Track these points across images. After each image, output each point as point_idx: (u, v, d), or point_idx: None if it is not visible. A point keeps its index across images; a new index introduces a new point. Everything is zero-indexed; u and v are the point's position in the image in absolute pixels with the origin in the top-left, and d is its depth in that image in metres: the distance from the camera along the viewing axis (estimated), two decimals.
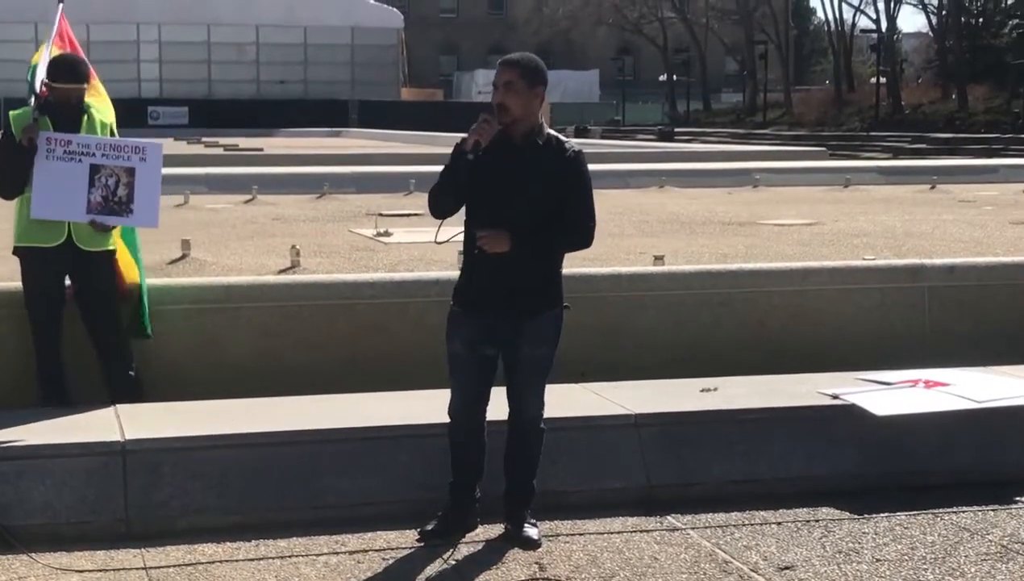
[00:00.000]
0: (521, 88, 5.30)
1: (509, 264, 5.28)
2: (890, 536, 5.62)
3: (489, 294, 5.35)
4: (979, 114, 53.80)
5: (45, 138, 6.48)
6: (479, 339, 5.39)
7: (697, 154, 34.98)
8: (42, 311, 6.64)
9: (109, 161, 6.57)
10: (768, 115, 66.83)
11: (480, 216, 5.34)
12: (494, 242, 5.25)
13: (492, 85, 5.40)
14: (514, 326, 5.38)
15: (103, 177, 6.55)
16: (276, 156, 32.01)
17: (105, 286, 6.70)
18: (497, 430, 5.55)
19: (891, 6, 64.83)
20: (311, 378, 7.14)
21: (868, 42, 67.88)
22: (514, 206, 5.29)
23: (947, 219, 17.17)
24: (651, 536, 5.60)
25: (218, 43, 69.23)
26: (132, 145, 6.64)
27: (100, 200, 6.54)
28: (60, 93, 6.55)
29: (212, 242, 13.28)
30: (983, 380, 7.01)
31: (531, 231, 5.29)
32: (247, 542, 5.43)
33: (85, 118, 6.64)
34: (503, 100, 5.30)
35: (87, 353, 6.73)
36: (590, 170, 5.51)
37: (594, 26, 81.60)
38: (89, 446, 5.68)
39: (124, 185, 6.57)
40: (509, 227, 5.25)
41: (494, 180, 5.29)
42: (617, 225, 15.71)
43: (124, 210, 6.60)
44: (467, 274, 5.47)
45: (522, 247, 5.27)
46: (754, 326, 8.10)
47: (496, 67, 5.40)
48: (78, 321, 6.70)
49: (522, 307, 5.37)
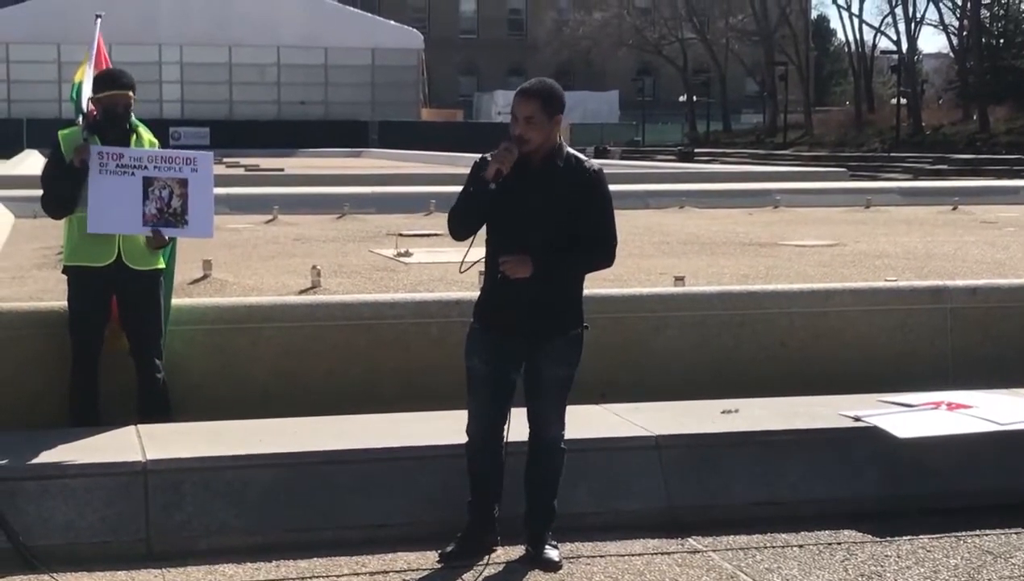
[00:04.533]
0: (542, 120, 5.29)
1: (531, 287, 5.28)
2: (913, 559, 5.59)
3: (511, 315, 5.35)
4: (1000, 135, 53.63)
5: (97, 152, 6.50)
6: (499, 358, 5.39)
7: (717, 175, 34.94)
8: (86, 331, 6.66)
9: (161, 173, 6.58)
10: (788, 136, 66.73)
11: (502, 240, 5.34)
12: (517, 268, 5.25)
13: (511, 114, 5.36)
14: (535, 347, 5.38)
15: (156, 189, 6.56)
16: (297, 176, 32.09)
17: (153, 303, 6.72)
18: (518, 451, 5.54)
19: (911, 27, 64.81)
20: (332, 398, 7.15)
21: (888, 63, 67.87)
22: (536, 230, 5.29)
23: (969, 240, 17.09)
24: (672, 558, 5.58)
25: (239, 64, 69.56)
26: (183, 157, 6.66)
27: (155, 212, 6.56)
28: (107, 102, 6.59)
29: (233, 262, 13.30)
30: (1006, 402, 6.97)
31: (553, 254, 5.29)
32: (267, 563, 5.43)
33: (134, 137, 6.68)
34: (524, 133, 5.28)
35: (114, 376, 6.75)
36: (614, 189, 5.51)
37: (614, 47, 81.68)
38: (111, 466, 5.69)
39: (178, 196, 6.59)
40: (531, 251, 5.25)
41: (515, 205, 5.29)
42: (637, 245, 15.69)
43: (180, 221, 6.61)
44: (488, 293, 5.47)
45: (545, 270, 5.27)
46: (775, 347, 8.08)
47: (515, 96, 5.36)
48: (108, 342, 6.72)
49: (543, 328, 5.37)
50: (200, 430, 6.31)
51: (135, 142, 6.69)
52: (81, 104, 6.80)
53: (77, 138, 6.60)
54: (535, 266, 5.25)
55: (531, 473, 5.58)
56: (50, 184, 6.64)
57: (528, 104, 5.30)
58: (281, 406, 6.89)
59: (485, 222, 5.38)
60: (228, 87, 70.04)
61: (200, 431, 6.29)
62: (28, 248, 14.38)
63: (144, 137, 6.75)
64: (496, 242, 5.38)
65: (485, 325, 5.45)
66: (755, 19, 73.64)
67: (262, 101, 69.70)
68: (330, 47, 69.82)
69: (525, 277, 5.25)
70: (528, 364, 5.42)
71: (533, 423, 5.53)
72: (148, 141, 6.76)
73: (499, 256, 5.31)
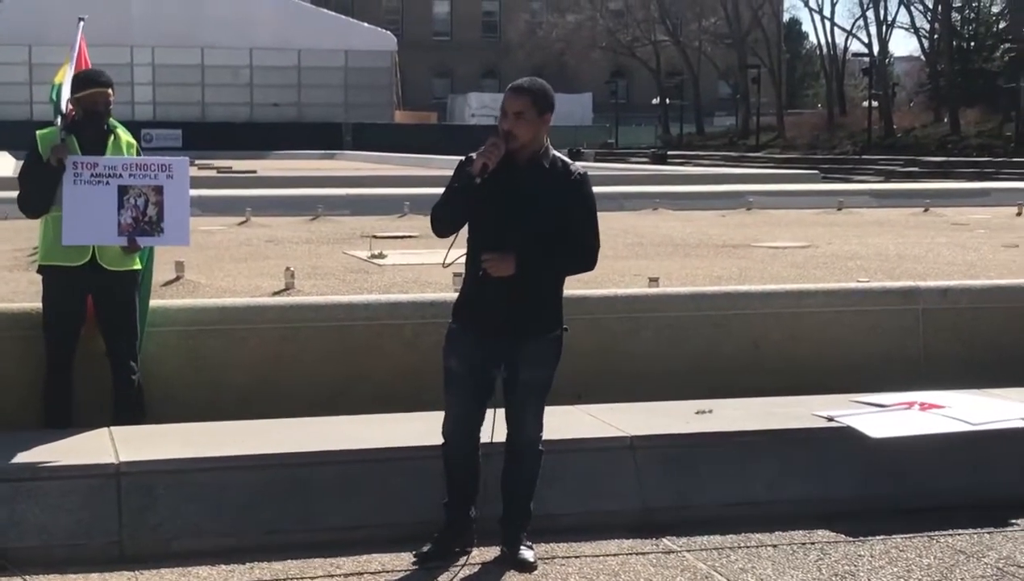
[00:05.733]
0: (532, 117, 5.29)
1: (512, 286, 5.27)
2: (886, 559, 5.61)
3: (491, 315, 5.34)
4: (971, 137, 53.92)
5: (72, 162, 6.44)
6: (478, 358, 5.39)
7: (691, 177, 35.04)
8: (60, 332, 6.63)
9: (136, 181, 6.52)
10: (761, 138, 66.93)
11: (485, 238, 5.33)
12: (500, 266, 5.25)
13: (500, 110, 5.35)
14: (514, 347, 5.38)
15: (132, 197, 6.50)
16: (270, 178, 32.02)
17: (128, 304, 6.68)
18: (495, 452, 5.54)
19: (883, 30, 65.11)
20: (306, 400, 7.13)
21: (860, 66, 68.01)
22: (519, 229, 5.29)
23: (940, 242, 17.20)
24: (647, 559, 5.59)
25: (212, 66, 69.35)
26: (158, 163, 6.58)
27: (131, 221, 6.50)
28: (87, 101, 6.54)
29: (206, 264, 13.26)
30: (978, 403, 7.01)
31: (536, 253, 5.29)
32: (241, 565, 5.41)
33: (111, 138, 6.65)
34: (513, 128, 5.28)
35: (88, 378, 6.71)
36: None
37: (587, 49, 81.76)
38: (84, 468, 5.66)
39: (153, 204, 6.52)
40: (513, 249, 5.25)
41: (498, 203, 5.28)
42: (612, 247, 15.72)
43: (155, 230, 6.54)
44: (468, 293, 5.46)
45: (527, 270, 5.28)
46: (749, 348, 8.10)
47: (506, 92, 5.37)
48: (82, 343, 6.69)
49: (523, 329, 5.37)
50: (173, 432, 6.29)
51: (113, 143, 6.65)
52: (60, 105, 6.76)
53: (55, 138, 6.56)
54: (517, 264, 5.25)
55: (508, 475, 5.57)
56: (27, 183, 6.60)
57: (519, 99, 5.30)
58: (255, 408, 6.87)
59: (468, 219, 5.37)
60: (200, 89, 69.81)
61: (174, 433, 6.27)
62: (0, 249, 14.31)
63: (123, 138, 6.71)
64: (478, 239, 5.37)
65: (464, 325, 5.44)
66: (727, 22, 73.85)
67: (235, 103, 69.51)
68: (303, 49, 69.69)
69: (507, 275, 5.26)
70: (507, 365, 5.42)
71: (511, 424, 5.52)
72: (126, 142, 6.73)
73: (481, 254, 5.31)
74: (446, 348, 5.48)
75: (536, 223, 5.30)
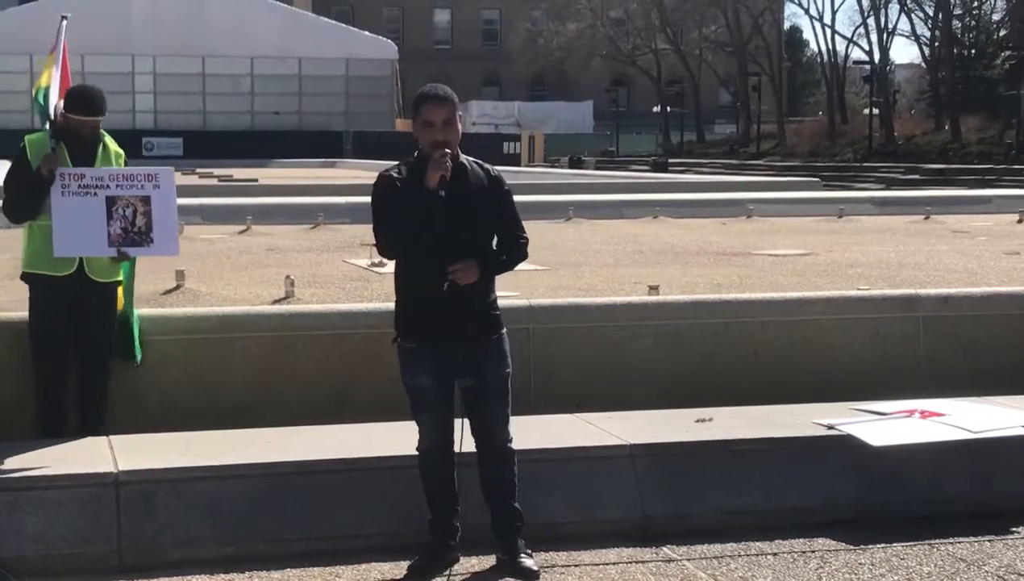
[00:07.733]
0: (455, 123, 5.40)
1: (466, 291, 5.29)
2: (887, 567, 5.60)
3: (451, 324, 5.34)
4: (972, 145, 53.91)
5: (59, 173, 6.43)
6: (446, 370, 5.39)
7: (691, 185, 35.02)
8: (50, 341, 6.61)
9: (124, 191, 6.53)
10: (761, 146, 66.93)
11: (440, 249, 5.28)
12: (466, 274, 5.27)
13: (423, 122, 5.40)
14: (477, 352, 5.40)
15: (120, 208, 6.51)
16: (270, 187, 31.99)
17: (108, 313, 6.68)
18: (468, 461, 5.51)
19: (884, 38, 65.10)
20: (305, 408, 7.13)
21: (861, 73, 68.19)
22: (468, 233, 5.34)
23: (941, 249, 17.18)
24: (647, 567, 5.58)
25: (213, 74, 69.35)
26: (144, 173, 6.60)
27: (120, 232, 6.51)
28: (74, 124, 6.53)
29: (206, 272, 13.26)
30: (978, 411, 7.00)
31: (494, 256, 5.40)
32: (240, 573, 5.41)
33: (100, 148, 6.63)
34: (446, 137, 5.36)
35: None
36: (589, 199, 5.55)
37: (588, 57, 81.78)
38: (82, 477, 5.66)
39: (141, 214, 6.53)
40: (473, 256, 5.29)
41: (447, 213, 5.30)
42: (612, 255, 15.72)
43: (144, 240, 6.55)
44: (415, 309, 5.40)
45: (488, 273, 5.36)
46: (749, 356, 8.09)
47: (425, 103, 5.41)
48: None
49: (481, 332, 5.41)
50: (172, 440, 6.28)
51: (101, 152, 6.64)
52: (48, 109, 6.73)
53: (44, 145, 6.54)
54: (481, 269, 5.29)
55: (488, 479, 5.56)
56: (14, 190, 6.55)
57: (443, 108, 5.40)
58: (254, 416, 6.86)
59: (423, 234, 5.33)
60: (201, 97, 69.80)
61: (172, 442, 6.26)
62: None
63: (111, 148, 6.70)
64: (428, 253, 5.30)
65: (424, 341, 5.39)
66: (728, 30, 73.88)
67: (236, 111, 69.49)
68: (304, 57, 69.69)
69: (472, 282, 5.26)
70: (474, 371, 5.42)
71: (483, 429, 5.50)
72: (114, 152, 6.71)
73: (438, 266, 5.25)
74: (409, 369, 5.45)
75: (482, 226, 5.38)
